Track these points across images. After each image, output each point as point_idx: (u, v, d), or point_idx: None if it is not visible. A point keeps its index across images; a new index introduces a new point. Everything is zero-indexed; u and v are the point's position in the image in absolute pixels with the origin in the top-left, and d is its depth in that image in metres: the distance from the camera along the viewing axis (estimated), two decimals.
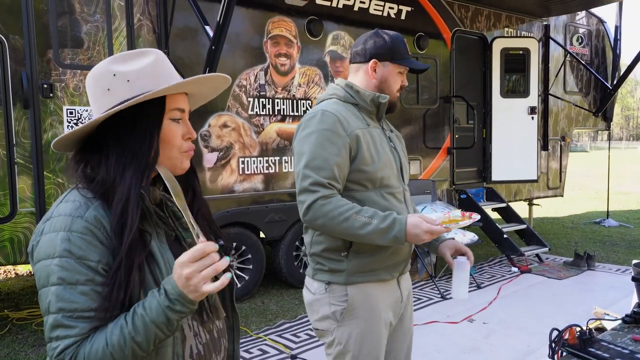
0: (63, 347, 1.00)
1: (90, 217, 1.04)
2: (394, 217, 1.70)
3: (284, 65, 5.22)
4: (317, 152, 1.73)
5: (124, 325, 1.00)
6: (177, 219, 1.23)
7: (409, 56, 1.92)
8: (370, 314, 1.82)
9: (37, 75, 3.81)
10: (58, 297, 1.00)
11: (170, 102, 1.14)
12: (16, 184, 3.83)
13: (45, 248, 1.03)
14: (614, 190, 12.05)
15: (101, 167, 1.10)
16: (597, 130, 9.19)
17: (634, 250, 7.24)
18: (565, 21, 8.10)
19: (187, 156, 1.19)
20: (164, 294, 1.01)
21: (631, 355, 1.70)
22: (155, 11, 4.37)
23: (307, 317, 4.55)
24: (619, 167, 23.30)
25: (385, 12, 5.96)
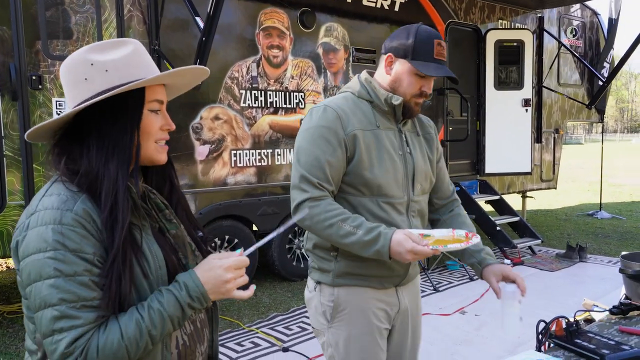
0: (71, 339, 0.98)
1: (79, 210, 1.04)
2: (379, 230, 1.58)
3: (276, 57, 5.20)
4: (311, 149, 1.65)
5: (140, 320, 1.02)
6: (160, 210, 1.23)
7: (431, 60, 1.67)
8: (357, 318, 1.73)
9: (26, 66, 3.78)
10: (58, 288, 0.99)
11: (149, 94, 1.14)
12: (5, 177, 3.80)
13: (34, 242, 1.02)
14: (607, 182, 12.15)
15: (83, 159, 1.09)
16: (590, 122, 9.23)
17: (626, 242, 7.30)
18: (560, 13, 8.11)
19: (162, 148, 1.18)
20: (185, 291, 1.06)
21: (617, 346, 1.72)
22: (145, 2, 4.33)
23: (299, 309, 4.61)
24: (612, 159, 23.42)
25: (379, 4, 5.94)
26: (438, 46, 1.67)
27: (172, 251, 1.19)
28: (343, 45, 5.70)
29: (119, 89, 1.08)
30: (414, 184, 1.78)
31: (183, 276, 1.09)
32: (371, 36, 5.93)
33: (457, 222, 1.92)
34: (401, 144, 1.77)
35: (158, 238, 1.16)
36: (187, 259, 1.23)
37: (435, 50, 1.66)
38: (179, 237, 1.24)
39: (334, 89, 5.66)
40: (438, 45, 1.67)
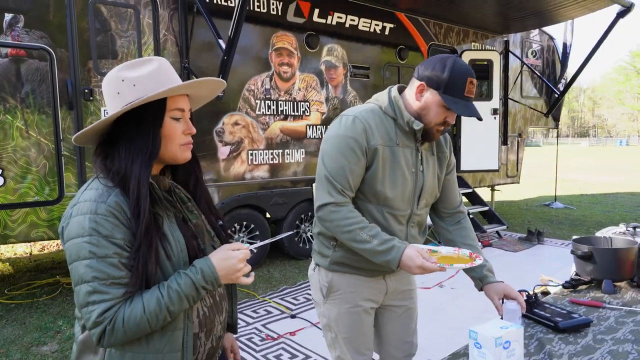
0: (101, 310, 1.00)
1: (112, 202, 1.04)
2: (393, 243, 1.49)
3: (286, 73, 5.20)
4: (337, 157, 1.54)
5: (160, 297, 1.03)
6: (184, 202, 1.22)
7: (461, 97, 1.51)
8: (347, 299, 1.69)
9: (80, 82, 3.79)
10: (92, 268, 1.00)
11: (170, 103, 1.12)
12: (63, 173, 3.83)
13: (75, 228, 1.03)
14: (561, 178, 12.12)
15: (115, 160, 1.09)
16: (548, 128, 9.20)
17: (576, 227, 7.30)
18: (522, 37, 8.07)
19: (186, 148, 1.16)
20: (200, 275, 1.06)
21: (568, 314, 1.73)
22: (177, 27, 4.34)
23: (305, 283, 4.62)
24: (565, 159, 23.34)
25: (372, 29, 5.92)
26: (470, 84, 1.51)
27: (193, 237, 1.18)
28: (342, 63, 5.69)
29: (140, 100, 1.07)
30: (419, 199, 1.67)
31: (200, 262, 1.08)
32: (366, 55, 5.92)
33: (462, 235, 1.79)
34: (415, 162, 1.64)
35: (181, 226, 1.15)
36: (205, 244, 1.21)
37: (467, 88, 1.51)
38: (199, 226, 1.22)
39: (334, 99, 5.65)
40: (470, 84, 1.51)
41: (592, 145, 52.50)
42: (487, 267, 1.72)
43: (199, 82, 1.16)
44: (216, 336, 1.22)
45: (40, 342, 3.34)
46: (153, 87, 1.09)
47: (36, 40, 3.69)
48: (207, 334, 1.18)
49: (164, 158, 1.15)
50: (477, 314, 3.74)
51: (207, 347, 1.19)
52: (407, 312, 1.84)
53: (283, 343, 3.29)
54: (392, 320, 1.82)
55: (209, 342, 1.19)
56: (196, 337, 1.15)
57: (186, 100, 1.17)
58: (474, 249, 1.74)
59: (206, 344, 1.18)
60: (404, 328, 1.84)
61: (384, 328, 1.83)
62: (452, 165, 1.80)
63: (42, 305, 4.03)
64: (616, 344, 1.56)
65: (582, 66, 6.89)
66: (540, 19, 7.01)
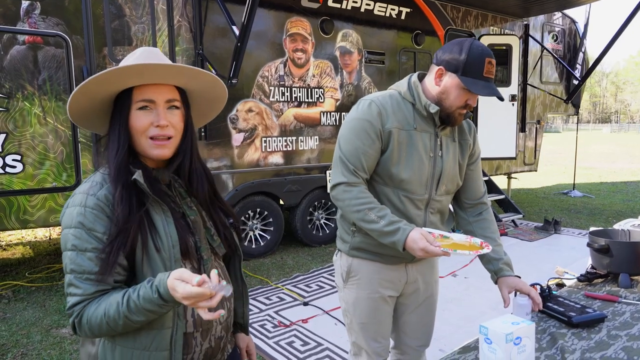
0: (72, 302, 1.03)
1: (101, 195, 1.04)
2: (399, 225, 1.50)
3: (300, 59, 5.16)
4: (352, 139, 1.57)
5: (120, 304, 1.00)
6: (183, 198, 1.19)
7: (480, 77, 1.50)
8: (365, 285, 1.71)
9: (95, 68, 3.83)
10: (71, 260, 1.02)
11: (136, 94, 1.07)
12: (79, 159, 3.89)
13: (66, 219, 1.05)
14: (580, 165, 11.90)
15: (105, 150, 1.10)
16: (567, 115, 8.99)
17: (594, 217, 7.17)
18: (543, 21, 7.86)
19: (157, 145, 1.09)
20: (157, 295, 0.97)
21: (582, 309, 1.71)
22: (191, 14, 4.33)
23: (317, 270, 4.65)
24: (585, 146, 22.87)
25: (388, 13, 5.83)
26: (488, 64, 1.50)
27: (190, 234, 1.14)
28: (357, 49, 5.62)
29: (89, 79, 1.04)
30: (438, 184, 1.65)
31: (159, 279, 0.99)
32: (381, 40, 5.84)
33: (482, 227, 1.78)
34: (434, 146, 1.63)
35: (178, 221, 1.12)
36: (202, 242, 1.17)
37: (486, 68, 1.50)
38: (197, 223, 1.18)
39: (349, 86, 5.61)
40: (489, 64, 1.50)
41: (614, 132, 51.27)
42: (504, 261, 1.72)
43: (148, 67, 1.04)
44: (215, 337, 1.18)
45: (60, 324, 3.44)
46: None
47: (52, 27, 3.72)
48: (204, 334, 1.15)
49: (138, 152, 1.11)
50: (491, 305, 3.73)
51: (204, 347, 1.15)
52: (426, 303, 1.84)
53: (295, 330, 3.33)
54: (411, 310, 1.83)
55: (206, 342, 1.16)
56: (190, 337, 1.12)
57: (162, 91, 1.09)
58: (493, 242, 1.73)
59: (203, 344, 1.15)
60: (422, 318, 1.85)
61: (401, 317, 1.84)
62: (476, 155, 1.79)
63: (61, 288, 4.14)
64: (631, 340, 1.54)
65: (605, 50, 6.69)
66: (562, 1, 6.81)
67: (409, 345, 1.87)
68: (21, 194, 3.74)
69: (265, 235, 5.16)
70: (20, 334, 3.28)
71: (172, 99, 1.11)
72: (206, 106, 1.26)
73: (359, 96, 5.68)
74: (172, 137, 1.11)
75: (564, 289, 2.11)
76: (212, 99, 1.24)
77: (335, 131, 5.51)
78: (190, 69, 1.09)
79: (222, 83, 1.20)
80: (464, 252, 1.45)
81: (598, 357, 1.44)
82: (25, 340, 3.20)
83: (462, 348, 1.54)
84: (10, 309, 3.71)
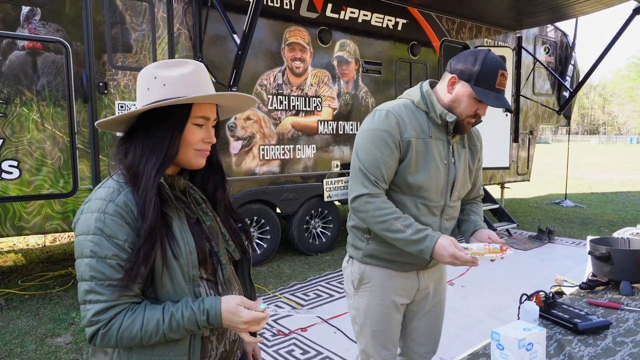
0: (95, 310, 1.00)
1: (120, 202, 1.03)
2: (427, 232, 1.52)
3: (298, 68, 5.19)
4: (371, 150, 1.57)
5: (161, 322, 1.02)
6: (198, 204, 1.20)
7: (492, 89, 1.53)
8: (378, 292, 1.71)
9: (95, 75, 3.82)
10: (91, 267, 1.00)
11: (196, 110, 1.10)
12: (77, 166, 3.86)
13: (82, 225, 1.03)
14: (571, 176, 12.04)
15: (129, 155, 1.09)
16: (559, 126, 9.11)
17: (587, 226, 7.25)
18: (535, 33, 7.99)
19: (201, 155, 1.14)
20: (205, 318, 1.03)
21: (586, 316, 1.73)
22: (191, 22, 4.34)
23: (314, 279, 4.64)
24: (575, 157, 23.15)
25: (385, 24, 5.89)
26: (501, 76, 1.52)
27: (206, 239, 1.16)
28: (354, 58, 5.67)
29: (164, 102, 1.06)
30: (452, 191, 1.68)
31: (210, 303, 1.05)
32: (378, 51, 5.89)
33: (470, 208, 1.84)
34: (447, 154, 1.66)
35: (193, 228, 1.13)
36: (219, 247, 1.18)
37: (498, 80, 1.52)
38: (213, 228, 1.19)
39: (346, 95, 5.64)
40: (501, 76, 1.52)
41: (602, 143, 51.99)
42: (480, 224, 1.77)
43: (227, 96, 1.15)
44: (230, 340, 1.20)
45: (55, 333, 3.39)
46: (182, 91, 1.08)
47: (52, 33, 3.71)
48: (220, 338, 1.16)
49: (178, 161, 1.14)
50: (489, 312, 3.75)
51: (219, 351, 1.17)
52: (435, 309, 1.86)
53: (294, 339, 3.31)
54: (420, 317, 1.84)
55: (221, 345, 1.17)
56: (207, 340, 1.13)
57: (213, 109, 1.15)
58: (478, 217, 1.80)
59: (218, 348, 1.16)
60: (430, 325, 1.86)
61: (410, 324, 1.85)
62: (481, 159, 1.84)
63: (55, 297, 4.08)
64: (637, 346, 1.56)
65: (596, 63, 6.81)
66: (554, 14, 6.94)
67: (416, 352, 1.87)
68: (17, 201, 3.69)
69: (262, 243, 5.13)
70: (14, 343, 3.22)
71: (216, 117, 1.17)
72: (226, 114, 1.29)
73: (356, 105, 5.72)
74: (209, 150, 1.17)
75: (566, 296, 2.12)
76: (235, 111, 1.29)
77: (333, 140, 5.53)
78: (248, 98, 1.19)
79: (255, 102, 1.26)
80: (491, 256, 1.48)
81: None
82: (20, 349, 3.15)
83: (471, 355, 1.54)
84: (3, 318, 3.64)
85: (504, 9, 6.51)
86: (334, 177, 5.53)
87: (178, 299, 1.07)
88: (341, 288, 4.35)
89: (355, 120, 5.72)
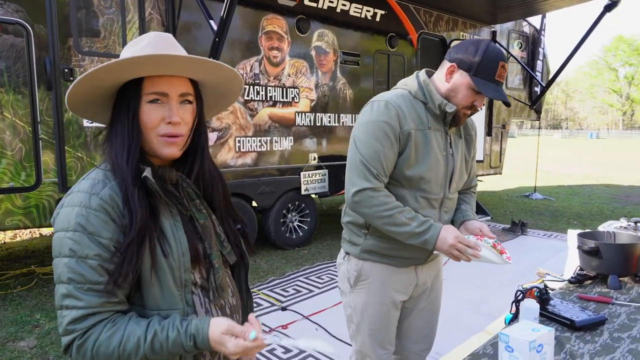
0: (73, 317, 0.89)
1: (105, 195, 0.92)
2: (430, 223, 1.51)
3: (276, 58, 5.05)
4: (371, 142, 1.51)
5: (142, 341, 0.90)
6: (192, 200, 1.07)
7: (492, 80, 1.49)
8: (376, 289, 1.67)
9: (59, 60, 3.57)
10: (69, 268, 0.89)
11: (147, 85, 0.96)
12: (41, 158, 3.62)
13: (61, 221, 0.92)
14: (538, 169, 12.35)
15: (107, 144, 0.98)
16: (530, 120, 9.31)
17: (557, 218, 7.43)
18: (509, 28, 8.10)
19: (168, 142, 0.98)
20: (192, 344, 0.92)
21: (582, 311, 1.71)
22: (164, 6, 4.13)
23: (293, 274, 4.55)
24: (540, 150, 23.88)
25: (363, 14, 5.81)
26: (501, 68, 1.49)
27: (199, 240, 1.04)
28: (332, 49, 5.57)
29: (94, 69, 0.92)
30: (450, 182, 1.65)
31: (197, 327, 0.93)
32: (356, 41, 5.81)
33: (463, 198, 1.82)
34: (446, 145, 1.62)
35: (186, 226, 1.02)
36: (212, 249, 1.06)
37: (498, 72, 1.49)
38: (207, 227, 1.07)
39: (324, 86, 5.54)
40: (501, 68, 1.49)
41: (565, 138, 53.90)
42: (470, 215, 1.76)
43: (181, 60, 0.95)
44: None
45: (17, 337, 3.18)
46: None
47: (11, 14, 3.44)
48: (213, 352, 1.06)
49: (147, 150, 1.00)
50: (470, 306, 3.76)
51: None
52: (430, 305, 1.83)
53: (276, 337, 3.21)
54: (415, 314, 1.80)
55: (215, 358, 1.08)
56: (200, 355, 1.03)
57: (174, 83, 0.98)
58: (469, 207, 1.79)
59: None
60: (427, 321, 1.83)
61: (405, 321, 1.81)
62: (475, 148, 1.82)
63: (17, 297, 3.84)
64: (634, 342, 1.55)
65: (568, 58, 6.95)
66: (528, 8, 7.03)
67: (411, 351, 1.82)
68: None
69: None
70: None
71: (185, 93, 1.01)
72: (216, 100, 1.15)
73: (334, 97, 5.63)
74: (183, 135, 1.01)
75: (556, 291, 2.12)
76: (224, 93, 1.14)
77: (310, 132, 5.43)
78: (212, 62, 0.99)
79: (240, 78, 1.10)
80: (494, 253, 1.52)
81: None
82: None
83: (471, 355, 1.49)
84: None
85: (480, 2, 6.54)
86: (311, 169, 5.44)
87: (167, 307, 0.95)
88: (320, 283, 4.28)
89: (333, 112, 5.63)
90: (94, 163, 3.79)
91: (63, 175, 3.66)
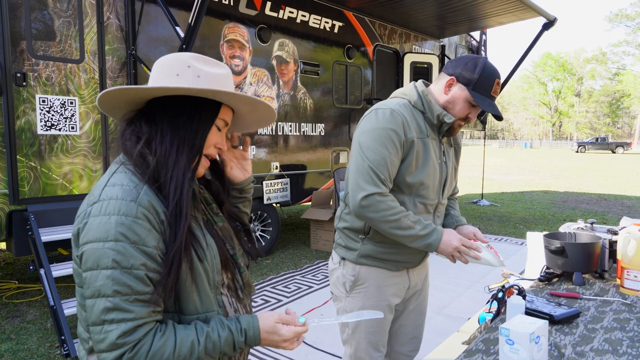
0: (121, 331, 0.86)
1: (143, 202, 0.90)
2: (433, 227, 1.58)
3: (237, 66, 5.02)
4: (378, 149, 1.54)
5: (196, 344, 0.91)
6: (208, 204, 1.11)
7: (488, 95, 1.58)
8: (373, 293, 1.70)
9: (10, 64, 3.36)
10: (114, 280, 0.86)
11: (222, 111, 1.05)
12: None
13: (96, 231, 0.87)
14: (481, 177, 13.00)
15: (156, 145, 0.95)
16: (477, 130, 9.81)
17: (504, 223, 7.84)
18: (456, 42, 8.55)
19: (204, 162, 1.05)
20: (243, 339, 0.97)
21: (556, 306, 1.84)
22: (123, 11, 4.00)
23: (259, 284, 4.50)
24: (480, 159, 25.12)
25: (322, 26, 5.92)
26: (497, 85, 1.60)
27: (222, 242, 1.08)
28: (293, 59, 5.62)
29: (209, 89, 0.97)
30: (444, 189, 1.74)
31: (247, 322, 0.98)
32: (316, 52, 5.90)
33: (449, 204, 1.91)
34: (440, 153, 1.70)
35: (212, 229, 1.06)
36: (235, 249, 1.11)
37: (494, 88, 1.59)
38: (226, 230, 1.11)
39: (285, 96, 5.57)
40: (497, 84, 1.60)
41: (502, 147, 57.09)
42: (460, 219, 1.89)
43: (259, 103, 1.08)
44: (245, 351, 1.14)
45: None
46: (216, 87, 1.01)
47: None
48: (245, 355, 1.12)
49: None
50: (435, 309, 3.87)
51: None
52: (418, 307, 1.88)
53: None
54: (404, 316, 1.85)
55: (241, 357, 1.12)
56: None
57: (231, 116, 1.10)
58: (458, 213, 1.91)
59: None
60: (415, 323, 1.88)
61: (395, 322, 1.85)
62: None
63: None
64: (607, 332, 1.68)
65: (511, 73, 7.43)
66: (474, 23, 7.46)
67: (400, 352, 1.87)
68: None
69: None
70: None
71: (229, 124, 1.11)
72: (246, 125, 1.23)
73: (295, 106, 5.67)
74: None
75: (529, 288, 2.25)
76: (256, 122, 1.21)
77: (272, 141, 5.42)
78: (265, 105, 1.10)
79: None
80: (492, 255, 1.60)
81: (588, 349, 1.55)
82: None
83: (466, 352, 1.56)
84: None
85: (430, 17, 6.86)
86: (272, 178, 5.42)
87: (205, 310, 0.96)
88: (288, 292, 4.27)
89: (294, 121, 5.66)
90: (48, 173, 3.58)
91: (15, 186, 3.42)
